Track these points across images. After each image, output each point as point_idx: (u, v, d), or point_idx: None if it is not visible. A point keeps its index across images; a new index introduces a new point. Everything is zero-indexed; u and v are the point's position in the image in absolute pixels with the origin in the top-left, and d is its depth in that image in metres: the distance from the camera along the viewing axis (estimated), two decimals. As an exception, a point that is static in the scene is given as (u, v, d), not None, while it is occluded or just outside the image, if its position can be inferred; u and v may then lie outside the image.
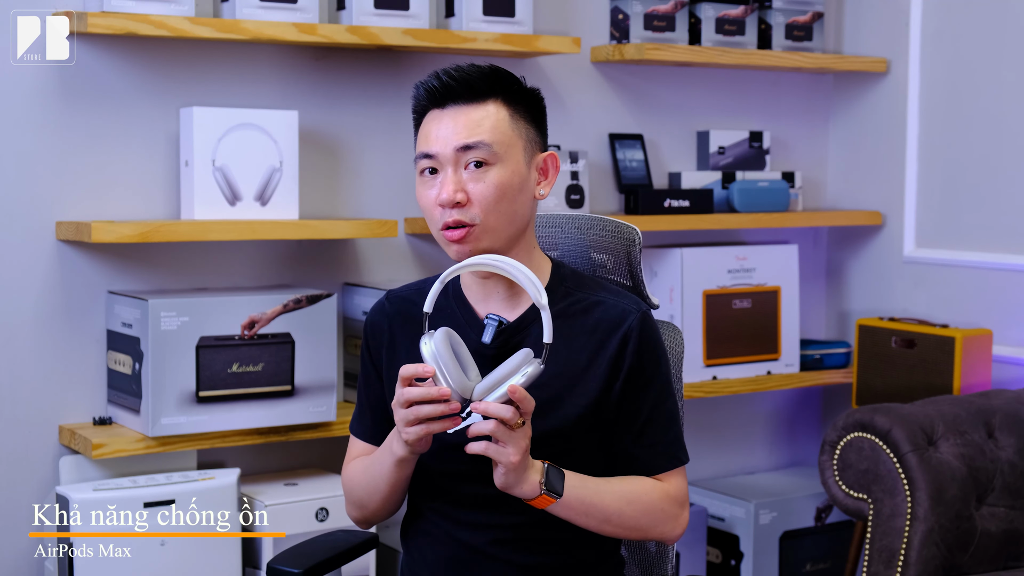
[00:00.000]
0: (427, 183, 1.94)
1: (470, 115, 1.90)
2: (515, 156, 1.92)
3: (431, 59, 3.14)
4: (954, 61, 3.51)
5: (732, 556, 3.49)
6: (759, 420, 3.81)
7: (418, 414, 1.79)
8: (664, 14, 3.39)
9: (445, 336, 1.79)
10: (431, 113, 1.94)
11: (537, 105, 1.98)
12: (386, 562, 2.98)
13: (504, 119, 1.92)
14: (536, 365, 1.77)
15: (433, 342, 1.78)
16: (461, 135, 1.89)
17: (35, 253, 2.76)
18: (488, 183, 1.89)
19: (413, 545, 2.05)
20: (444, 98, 1.92)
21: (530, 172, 1.95)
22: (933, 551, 2.76)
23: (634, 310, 1.97)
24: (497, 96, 1.92)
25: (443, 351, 1.78)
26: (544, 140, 1.99)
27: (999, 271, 3.39)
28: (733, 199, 3.46)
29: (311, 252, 3.04)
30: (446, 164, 1.91)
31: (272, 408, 2.78)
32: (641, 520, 1.94)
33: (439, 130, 1.91)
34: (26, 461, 2.77)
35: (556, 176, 1.99)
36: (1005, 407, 2.99)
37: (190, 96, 2.88)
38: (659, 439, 1.97)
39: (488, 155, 1.89)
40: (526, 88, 1.97)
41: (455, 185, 1.89)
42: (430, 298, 1.83)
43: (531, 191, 1.95)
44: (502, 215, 1.91)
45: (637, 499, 1.94)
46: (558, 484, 1.85)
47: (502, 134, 1.91)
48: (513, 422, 1.76)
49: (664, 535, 1.98)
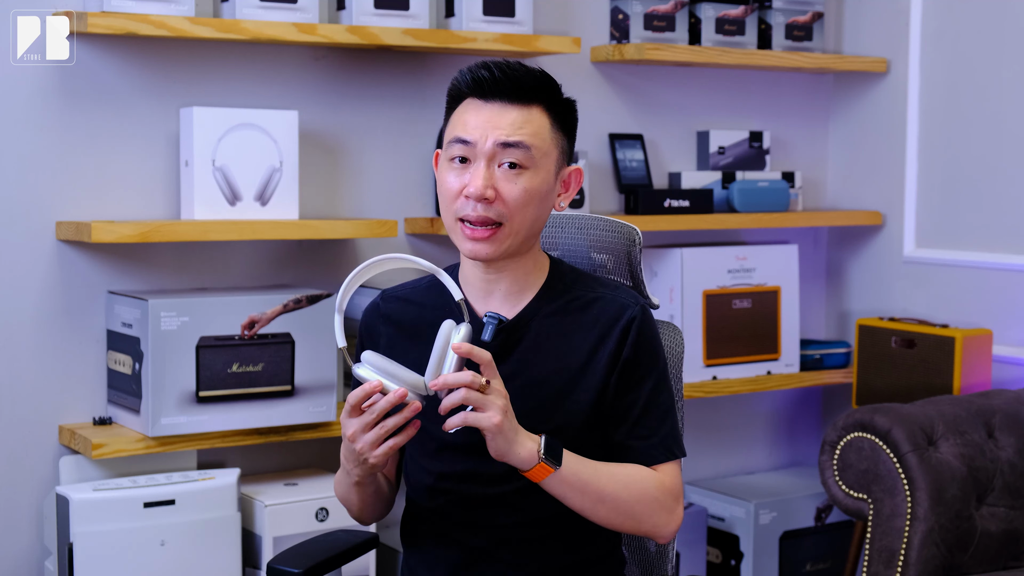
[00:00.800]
0: (455, 170, 1.90)
1: (514, 114, 1.88)
2: (548, 165, 1.91)
3: (431, 59, 3.14)
4: (954, 61, 3.51)
5: (732, 556, 3.49)
6: (759, 420, 3.81)
7: (385, 427, 1.78)
8: (664, 14, 3.39)
9: (373, 354, 1.79)
10: (471, 101, 1.90)
11: (572, 116, 1.97)
12: (386, 562, 2.98)
13: (546, 126, 1.90)
14: (465, 325, 1.77)
15: (365, 362, 1.78)
16: (504, 131, 1.87)
17: (35, 253, 2.76)
18: (519, 186, 1.88)
19: (413, 545, 2.05)
20: (491, 90, 1.89)
21: (556, 183, 1.94)
22: (933, 551, 2.76)
23: (632, 303, 1.98)
24: (541, 101, 1.91)
25: (379, 362, 1.77)
26: (572, 152, 1.99)
27: (999, 271, 3.39)
28: (733, 199, 3.46)
29: (311, 252, 3.04)
30: (480, 156, 1.88)
31: (272, 408, 2.78)
32: (635, 507, 1.91)
33: (479, 119, 1.88)
34: (26, 461, 2.77)
35: (576, 191, 1.99)
36: (1005, 407, 2.99)
37: (190, 96, 2.88)
38: (655, 431, 1.96)
39: (525, 158, 1.88)
40: (565, 98, 1.95)
41: (486, 180, 1.87)
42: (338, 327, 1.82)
43: (552, 202, 1.95)
44: (527, 220, 1.90)
45: (633, 484, 1.91)
46: (557, 452, 1.83)
47: (542, 140, 1.90)
48: (477, 384, 1.75)
49: (657, 528, 1.94)
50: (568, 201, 1.98)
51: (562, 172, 1.96)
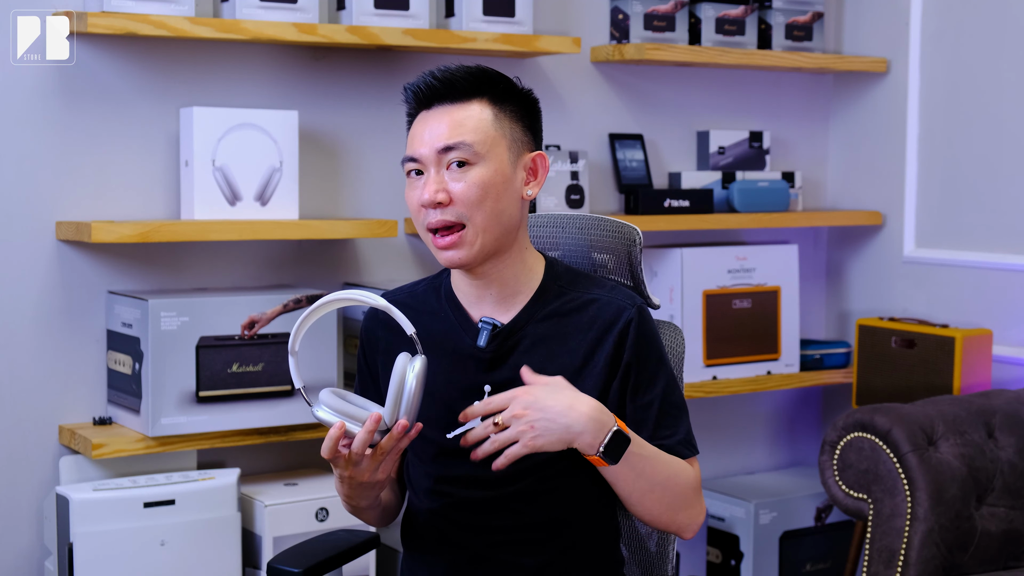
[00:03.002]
0: (413, 184, 1.94)
1: (453, 115, 1.90)
2: (498, 155, 1.91)
3: (431, 59, 3.14)
4: (954, 61, 3.51)
5: (732, 556, 3.49)
6: (759, 420, 3.81)
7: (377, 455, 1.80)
8: (664, 14, 3.39)
9: (330, 393, 1.81)
10: (420, 115, 1.94)
11: (528, 106, 1.97)
12: (386, 562, 2.98)
13: (487, 119, 1.91)
14: (419, 358, 1.78)
15: (322, 403, 1.79)
16: (443, 136, 1.89)
17: (35, 253, 2.76)
18: (469, 182, 1.88)
19: (413, 546, 2.05)
20: (429, 99, 1.92)
21: (516, 172, 1.94)
22: (933, 551, 2.76)
23: (629, 305, 1.97)
24: (482, 96, 1.92)
25: (336, 403, 1.79)
26: (535, 140, 1.98)
27: (999, 271, 3.39)
28: (733, 199, 3.46)
29: (311, 252, 3.04)
30: (429, 165, 1.91)
31: (272, 408, 2.78)
32: (675, 500, 1.93)
33: (423, 132, 1.91)
34: (26, 461, 2.77)
35: (545, 176, 1.98)
36: (1005, 407, 2.99)
37: (190, 96, 2.88)
38: (676, 428, 1.97)
39: (469, 155, 1.89)
40: (516, 88, 1.96)
41: (437, 185, 1.89)
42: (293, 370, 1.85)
43: (518, 191, 1.94)
44: (488, 214, 1.89)
45: (680, 476, 1.93)
46: (617, 451, 1.85)
47: (483, 133, 1.90)
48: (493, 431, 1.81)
49: (690, 521, 1.96)
50: (538, 188, 1.97)
51: (523, 160, 1.95)
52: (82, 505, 2.58)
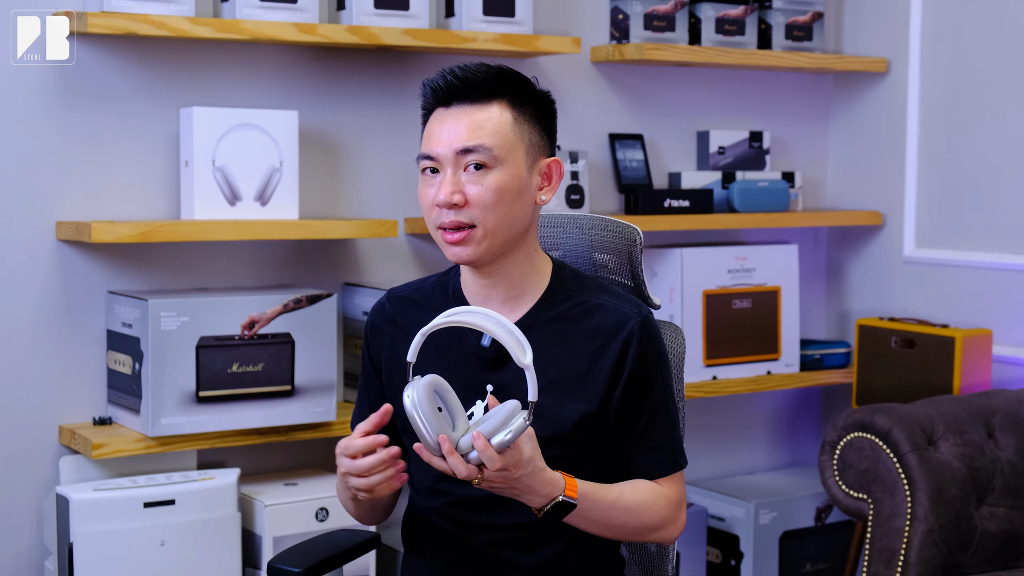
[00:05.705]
0: (427, 182, 1.93)
1: (473, 116, 1.89)
2: (516, 160, 1.91)
3: (431, 59, 3.14)
4: (954, 61, 3.51)
5: (732, 556, 3.49)
6: (759, 420, 3.81)
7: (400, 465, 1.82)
8: (664, 14, 3.39)
9: (429, 387, 1.74)
10: (437, 112, 1.93)
11: (546, 108, 1.96)
12: (386, 562, 2.98)
13: (507, 122, 1.90)
14: (522, 421, 1.72)
15: (415, 392, 1.73)
16: (462, 137, 1.88)
17: (35, 253, 2.75)
18: (486, 186, 1.88)
19: (413, 545, 2.05)
20: (449, 97, 1.91)
21: (531, 177, 1.93)
22: (933, 551, 2.76)
23: (634, 314, 1.96)
24: (503, 97, 1.91)
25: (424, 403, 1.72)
26: (550, 145, 1.98)
27: (999, 271, 3.39)
28: (733, 199, 3.46)
29: (311, 252, 3.04)
30: (446, 165, 1.90)
31: (272, 408, 2.78)
32: (638, 532, 1.97)
33: (441, 131, 1.90)
34: (26, 461, 2.77)
35: (559, 182, 1.98)
36: (1005, 407, 2.99)
37: (190, 96, 2.88)
38: (659, 444, 1.97)
39: (488, 158, 1.88)
40: (535, 90, 1.95)
41: (453, 186, 1.89)
42: (413, 347, 1.79)
43: (532, 196, 1.94)
44: (500, 218, 1.89)
45: (643, 510, 1.94)
46: (559, 515, 1.84)
47: (503, 137, 1.89)
48: (471, 478, 1.74)
49: (662, 538, 2.00)
50: (552, 194, 1.97)
51: (539, 165, 1.95)
52: (82, 505, 2.58)
